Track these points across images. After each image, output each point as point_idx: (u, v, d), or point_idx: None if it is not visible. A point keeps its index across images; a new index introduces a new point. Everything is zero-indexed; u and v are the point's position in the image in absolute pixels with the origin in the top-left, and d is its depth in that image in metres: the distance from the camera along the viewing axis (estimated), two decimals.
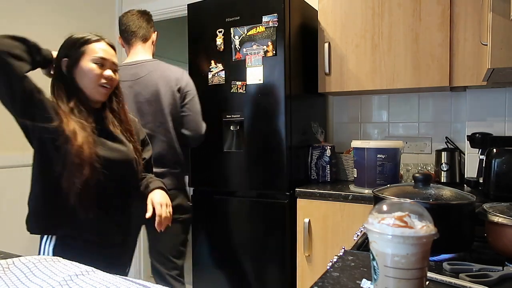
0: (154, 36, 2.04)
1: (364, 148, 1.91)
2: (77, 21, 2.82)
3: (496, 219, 0.89)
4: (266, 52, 1.99)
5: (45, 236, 1.28)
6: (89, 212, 1.23)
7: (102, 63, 1.28)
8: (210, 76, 2.14)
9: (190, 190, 2.31)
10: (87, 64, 1.26)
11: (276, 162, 1.99)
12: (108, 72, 1.29)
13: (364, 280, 0.74)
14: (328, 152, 2.16)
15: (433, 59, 1.92)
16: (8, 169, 2.45)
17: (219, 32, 2.11)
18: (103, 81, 1.28)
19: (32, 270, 0.76)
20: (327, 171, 2.16)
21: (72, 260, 0.83)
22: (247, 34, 2.03)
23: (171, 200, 1.47)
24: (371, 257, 0.62)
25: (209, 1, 2.17)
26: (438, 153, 2.13)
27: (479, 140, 1.91)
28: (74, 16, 2.81)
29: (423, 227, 0.58)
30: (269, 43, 1.98)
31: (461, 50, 1.88)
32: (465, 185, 1.96)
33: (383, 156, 1.86)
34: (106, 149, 1.28)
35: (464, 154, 2.12)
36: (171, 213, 1.43)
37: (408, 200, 0.62)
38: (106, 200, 1.29)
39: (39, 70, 1.31)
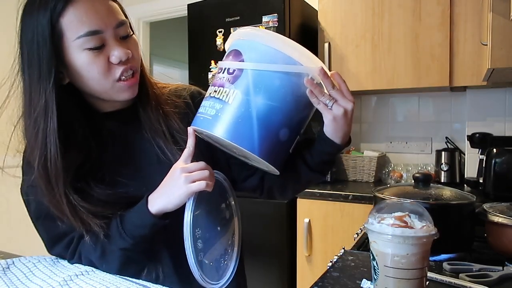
0: None
1: None
2: None
3: (496, 219, 0.89)
4: None
5: None
6: None
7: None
8: (210, 76, 2.14)
9: None
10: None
11: None
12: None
13: (364, 280, 0.74)
14: None
15: (433, 59, 1.92)
16: (7, 169, 2.45)
17: (219, 32, 2.11)
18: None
19: (32, 270, 0.76)
20: None
21: None
22: None
23: None
24: (371, 257, 0.62)
25: (209, 1, 2.17)
26: (438, 153, 2.13)
27: (479, 140, 1.91)
28: None
29: (423, 227, 0.58)
30: None
31: (461, 50, 1.88)
32: (465, 185, 1.96)
33: None
34: None
35: (464, 154, 2.12)
36: None
37: (408, 200, 0.62)
38: None
39: None
